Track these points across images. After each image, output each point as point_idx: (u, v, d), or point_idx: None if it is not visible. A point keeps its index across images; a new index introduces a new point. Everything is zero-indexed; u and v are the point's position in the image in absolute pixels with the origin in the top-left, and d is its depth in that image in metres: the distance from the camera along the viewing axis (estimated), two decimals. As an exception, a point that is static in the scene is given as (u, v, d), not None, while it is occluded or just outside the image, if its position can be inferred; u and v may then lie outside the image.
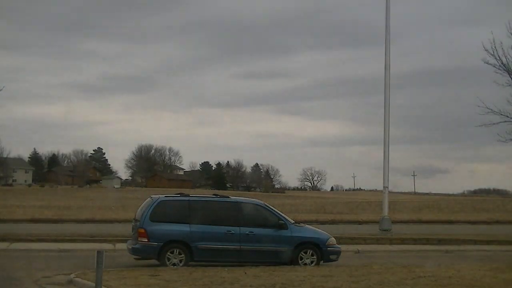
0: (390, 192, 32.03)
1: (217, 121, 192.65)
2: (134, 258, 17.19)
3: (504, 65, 26.26)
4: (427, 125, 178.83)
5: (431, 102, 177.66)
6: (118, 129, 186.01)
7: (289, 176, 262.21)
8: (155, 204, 16.86)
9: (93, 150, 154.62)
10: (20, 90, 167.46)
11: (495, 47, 26.06)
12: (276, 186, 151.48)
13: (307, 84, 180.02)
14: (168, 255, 16.34)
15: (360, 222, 39.62)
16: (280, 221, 17.28)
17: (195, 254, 16.52)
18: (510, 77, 26.44)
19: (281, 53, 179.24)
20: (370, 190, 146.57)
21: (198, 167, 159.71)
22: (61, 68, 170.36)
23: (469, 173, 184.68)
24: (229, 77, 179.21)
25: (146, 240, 16.37)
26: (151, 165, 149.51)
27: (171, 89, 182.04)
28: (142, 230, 16.42)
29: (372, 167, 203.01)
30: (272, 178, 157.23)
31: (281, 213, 18.00)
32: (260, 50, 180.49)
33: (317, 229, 18.83)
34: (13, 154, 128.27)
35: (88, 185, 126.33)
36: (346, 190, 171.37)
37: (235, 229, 16.82)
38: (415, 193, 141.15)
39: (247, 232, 16.84)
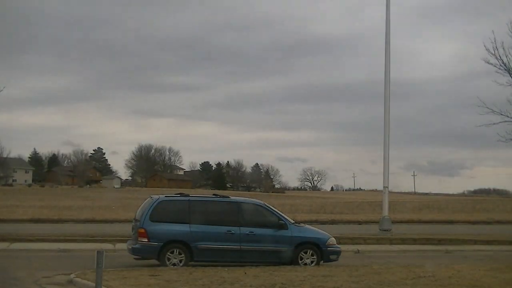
0: (390, 192, 32.00)
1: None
2: (134, 258, 17.17)
3: (504, 64, 26.21)
4: (427, 125, 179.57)
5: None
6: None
7: (289, 176, 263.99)
8: (155, 204, 16.85)
9: (93, 150, 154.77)
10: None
11: (496, 46, 26.03)
12: (276, 186, 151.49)
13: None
14: (168, 255, 16.33)
15: (360, 222, 39.62)
16: (280, 221, 17.27)
17: (195, 254, 16.51)
18: (511, 76, 26.39)
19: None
20: (370, 190, 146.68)
21: (198, 167, 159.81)
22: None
23: (469, 173, 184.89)
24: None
25: (146, 240, 16.36)
26: (151, 165, 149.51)
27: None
28: (142, 230, 16.41)
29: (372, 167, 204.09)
30: (272, 178, 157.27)
31: (281, 213, 17.99)
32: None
33: (317, 229, 18.81)
34: (13, 154, 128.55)
35: (88, 185, 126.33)
36: (346, 190, 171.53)
37: (235, 229, 16.81)
38: (415, 193, 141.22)
39: (247, 232, 16.83)
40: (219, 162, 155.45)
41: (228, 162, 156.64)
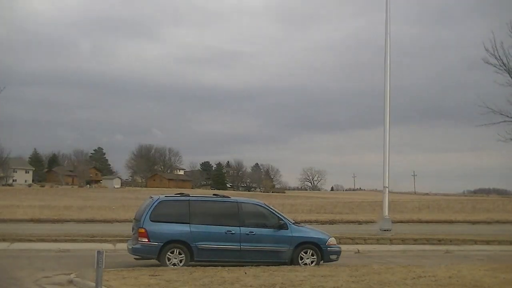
0: (390, 192, 31.99)
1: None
2: (134, 258, 17.16)
3: (504, 64, 26.21)
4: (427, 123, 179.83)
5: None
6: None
7: (289, 176, 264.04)
8: (155, 204, 16.84)
9: (93, 150, 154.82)
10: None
11: (495, 46, 26.04)
12: (276, 186, 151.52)
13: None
14: (168, 255, 16.32)
15: (360, 222, 39.66)
16: (280, 221, 17.27)
17: (195, 254, 16.49)
18: (511, 76, 26.39)
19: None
20: (370, 190, 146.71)
21: (198, 167, 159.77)
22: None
23: (469, 173, 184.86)
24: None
25: (147, 240, 16.34)
26: (151, 165, 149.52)
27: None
28: (143, 230, 16.39)
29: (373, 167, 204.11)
30: (272, 178, 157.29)
31: (281, 213, 17.99)
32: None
33: (317, 229, 18.83)
34: (14, 154, 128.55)
35: (88, 185, 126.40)
36: (346, 190, 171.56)
37: (235, 229, 16.79)
38: (415, 193, 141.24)
39: (247, 232, 16.82)
40: (219, 162, 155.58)
41: (228, 162, 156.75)
